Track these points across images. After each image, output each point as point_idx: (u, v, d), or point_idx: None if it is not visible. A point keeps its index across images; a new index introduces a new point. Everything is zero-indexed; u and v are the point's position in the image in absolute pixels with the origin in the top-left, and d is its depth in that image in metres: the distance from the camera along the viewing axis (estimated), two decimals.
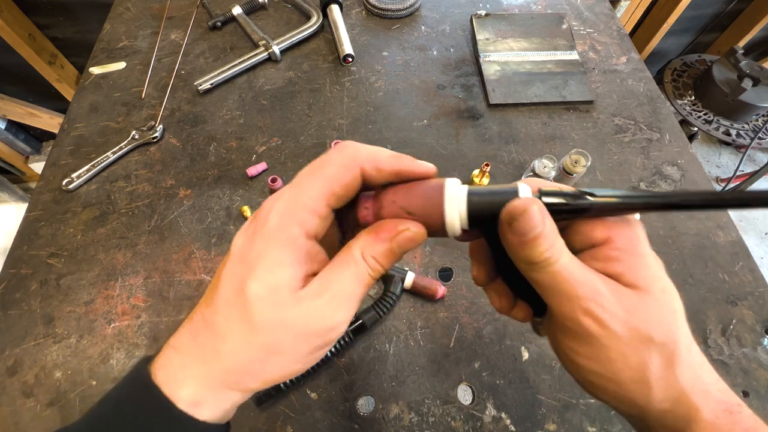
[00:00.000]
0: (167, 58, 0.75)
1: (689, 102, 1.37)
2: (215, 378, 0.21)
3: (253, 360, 0.21)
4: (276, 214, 0.21)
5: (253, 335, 0.20)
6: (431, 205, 0.21)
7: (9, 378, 0.47)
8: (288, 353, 0.21)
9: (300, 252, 0.21)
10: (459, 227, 0.22)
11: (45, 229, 0.57)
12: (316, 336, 0.21)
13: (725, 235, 0.58)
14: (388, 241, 0.21)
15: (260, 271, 0.20)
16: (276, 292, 0.20)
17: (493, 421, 0.45)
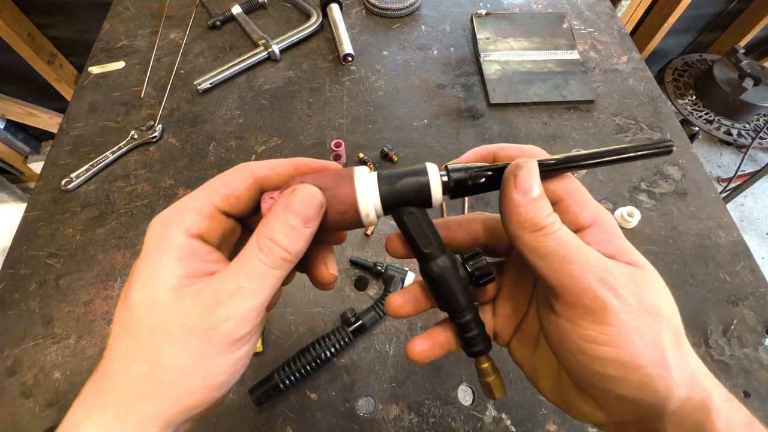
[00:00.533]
0: (166, 57, 0.75)
1: (690, 102, 1.37)
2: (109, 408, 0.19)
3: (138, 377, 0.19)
4: (155, 224, 0.21)
5: (134, 346, 0.19)
6: (342, 194, 0.20)
7: (8, 378, 0.47)
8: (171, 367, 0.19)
9: (182, 251, 0.20)
10: (374, 213, 0.21)
11: (44, 229, 0.57)
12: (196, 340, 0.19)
13: (726, 235, 0.58)
14: (281, 214, 0.19)
15: (140, 277, 0.19)
16: (154, 293, 0.19)
17: (493, 422, 0.45)
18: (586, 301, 0.18)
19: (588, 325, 0.19)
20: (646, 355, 0.18)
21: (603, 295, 0.18)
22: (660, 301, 0.19)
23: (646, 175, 0.63)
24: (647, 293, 0.19)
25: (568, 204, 0.21)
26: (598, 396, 0.20)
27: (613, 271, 0.19)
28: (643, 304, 0.19)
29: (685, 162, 0.65)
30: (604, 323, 0.18)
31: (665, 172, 0.64)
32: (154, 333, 0.19)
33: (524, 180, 0.20)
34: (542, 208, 0.19)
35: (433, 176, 0.21)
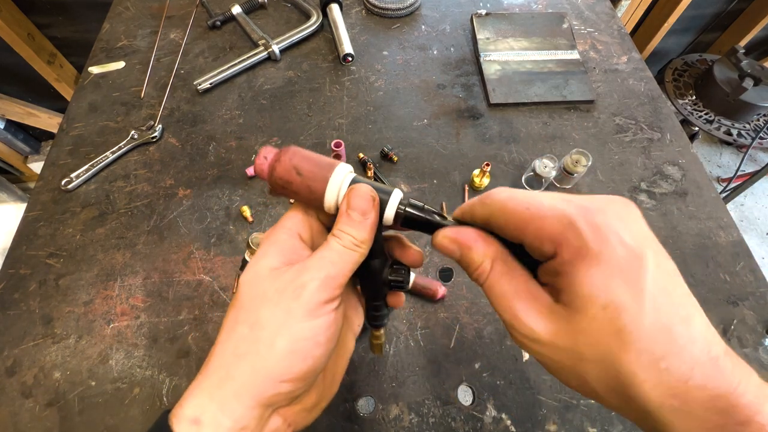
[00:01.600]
0: (166, 57, 0.75)
1: (690, 102, 1.37)
2: (213, 374, 0.22)
3: (240, 339, 0.22)
4: (266, 234, 0.26)
5: (239, 313, 0.23)
6: (319, 178, 0.25)
7: (8, 378, 0.47)
8: (266, 324, 0.22)
9: (283, 245, 0.25)
10: (334, 204, 0.25)
11: (44, 229, 0.57)
12: (286, 298, 0.22)
13: (726, 235, 0.58)
14: (343, 211, 0.24)
15: (250, 265, 0.25)
16: (258, 273, 0.24)
17: (493, 422, 0.45)
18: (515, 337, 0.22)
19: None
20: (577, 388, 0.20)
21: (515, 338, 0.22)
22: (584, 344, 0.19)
23: (646, 175, 0.63)
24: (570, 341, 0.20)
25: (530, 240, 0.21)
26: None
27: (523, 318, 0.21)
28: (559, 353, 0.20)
29: (685, 162, 0.65)
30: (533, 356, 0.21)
31: (665, 172, 0.64)
32: (255, 299, 0.23)
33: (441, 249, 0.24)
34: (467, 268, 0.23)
35: (391, 204, 0.25)
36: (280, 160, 0.25)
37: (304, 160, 0.25)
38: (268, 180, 0.26)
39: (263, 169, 0.25)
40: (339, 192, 0.25)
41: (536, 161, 0.58)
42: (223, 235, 0.57)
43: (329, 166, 0.25)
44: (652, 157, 0.65)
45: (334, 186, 0.24)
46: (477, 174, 0.60)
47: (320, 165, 0.25)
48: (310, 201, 0.25)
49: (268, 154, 0.26)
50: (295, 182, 0.25)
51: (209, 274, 0.54)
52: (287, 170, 0.25)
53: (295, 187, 0.25)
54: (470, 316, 0.51)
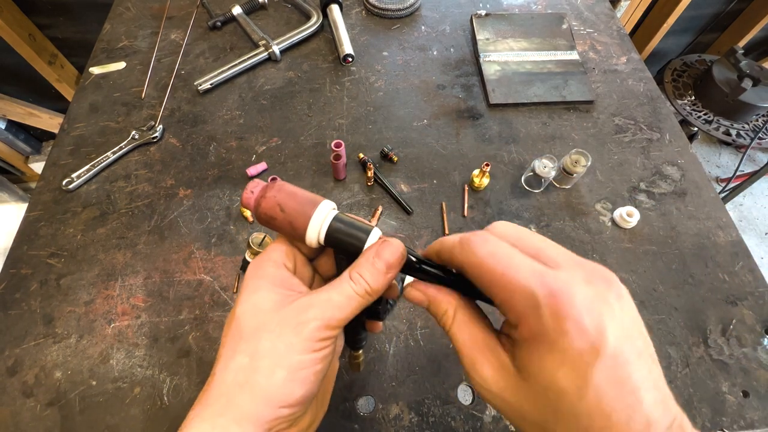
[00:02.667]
0: (167, 58, 0.75)
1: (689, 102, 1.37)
2: (213, 404, 0.23)
3: (239, 369, 0.23)
4: (252, 265, 0.27)
5: (239, 343, 0.24)
6: (301, 214, 0.26)
7: (9, 378, 0.47)
8: (266, 355, 0.23)
9: (274, 279, 0.25)
10: (316, 240, 0.26)
11: (45, 229, 0.57)
12: (288, 331, 0.23)
13: (725, 235, 0.58)
14: (373, 257, 0.25)
15: (244, 296, 0.25)
16: (257, 305, 0.24)
17: (493, 422, 0.45)
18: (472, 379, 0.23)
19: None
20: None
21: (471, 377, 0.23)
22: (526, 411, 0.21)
23: (645, 175, 0.64)
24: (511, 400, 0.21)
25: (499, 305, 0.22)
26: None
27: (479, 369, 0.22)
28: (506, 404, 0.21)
29: (684, 162, 0.65)
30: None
31: (664, 172, 0.64)
32: (257, 330, 0.24)
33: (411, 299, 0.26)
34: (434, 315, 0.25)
35: (369, 243, 0.26)
36: (265, 196, 0.26)
37: (289, 196, 0.26)
38: (254, 213, 0.27)
39: (249, 204, 0.27)
40: (320, 229, 0.26)
41: (536, 161, 0.58)
42: (223, 235, 0.57)
43: (312, 203, 0.26)
44: (652, 157, 0.65)
45: (315, 223, 0.25)
46: (477, 174, 0.60)
47: (303, 202, 0.26)
48: (293, 236, 0.26)
49: (255, 188, 0.27)
50: (278, 218, 0.26)
51: (210, 273, 0.54)
52: (271, 206, 0.26)
53: (278, 223, 0.26)
54: None
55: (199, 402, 0.23)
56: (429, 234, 0.57)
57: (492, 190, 0.61)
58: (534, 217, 0.59)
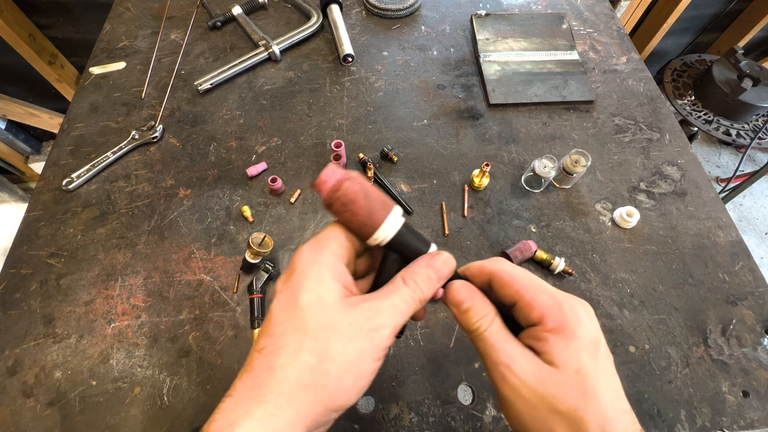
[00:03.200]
0: (167, 58, 0.75)
1: (689, 102, 1.37)
2: (269, 402, 0.21)
3: (305, 368, 0.22)
4: (308, 248, 0.25)
5: (305, 340, 0.22)
6: (382, 209, 0.26)
7: (9, 378, 0.47)
8: (336, 359, 0.22)
9: (334, 271, 0.25)
10: (383, 238, 0.26)
11: (45, 229, 0.57)
12: (361, 337, 0.23)
13: (725, 235, 0.58)
14: (425, 267, 0.26)
15: (307, 284, 0.24)
16: (323, 298, 0.23)
17: (493, 422, 0.45)
18: (496, 390, 0.25)
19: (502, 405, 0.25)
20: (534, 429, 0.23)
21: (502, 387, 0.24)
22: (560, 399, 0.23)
23: (645, 175, 0.64)
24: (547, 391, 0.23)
25: (520, 306, 0.26)
26: None
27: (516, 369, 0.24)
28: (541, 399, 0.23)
29: (684, 162, 0.65)
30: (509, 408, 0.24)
31: (664, 172, 0.64)
32: (325, 329, 0.22)
33: (455, 298, 0.27)
34: (470, 317, 0.26)
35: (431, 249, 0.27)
36: (350, 178, 0.26)
37: (371, 187, 0.27)
38: (331, 193, 0.26)
39: (330, 180, 0.26)
40: (392, 228, 0.26)
41: (536, 161, 0.58)
42: (223, 235, 0.57)
43: (389, 202, 0.27)
44: (652, 157, 0.65)
45: (392, 221, 0.26)
46: (477, 174, 0.60)
47: (383, 198, 0.27)
48: (361, 225, 0.26)
49: (337, 169, 0.26)
50: (358, 204, 0.25)
51: (210, 273, 0.54)
52: (356, 191, 0.26)
53: (355, 208, 0.25)
54: None
55: (247, 393, 0.22)
56: (429, 234, 0.57)
57: (492, 190, 0.61)
58: (534, 217, 0.59)
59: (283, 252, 0.56)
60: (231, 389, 0.23)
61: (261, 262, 0.52)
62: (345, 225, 0.27)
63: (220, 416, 0.22)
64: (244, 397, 0.22)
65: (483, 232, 0.58)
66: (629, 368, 0.48)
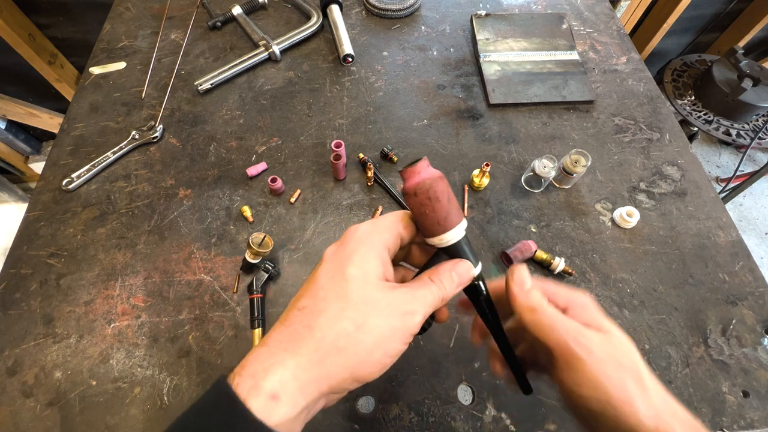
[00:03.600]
0: (167, 58, 0.75)
1: (689, 102, 1.37)
2: (303, 356, 0.23)
3: (342, 333, 0.24)
4: (363, 228, 0.28)
5: (346, 308, 0.24)
6: (457, 215, 0.28)
7: (9, 378, 0.47)
8: (372, 331, 0.24)
9: (380, 256, 0.27)
10: (446, 240, 0.28)
11: (45, 229, 0.57)
12: (396, 317, 0.25)
13: (725, 235, 0.58)
14: (450, 271, 0.28)
15: (355, 259, 0.26)
16: (367, 276, 0.25)
17: (493, 421, 0.45)
18: (568, 357, 0.27)
19: (573, 374, 0.26)
20: (614, 394, 0.25)
21: (579, 351, 0.26)
22: (621, 355, 0.27)
23: (645, 176, 0.64)
24: (612, 350, 0.27)
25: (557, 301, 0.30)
26: (590, 426, 0.27)
27: (585, 334, 0.27)
28: (609, 356, 0.26)
29: (684, 162, 0.65)
30: (582, 372, 0.26)
31: (664, 172, 0.64)
32: (366, 303, 0.25)
33: (519, 278, 0.30)
34: (534, 294, 0.29)
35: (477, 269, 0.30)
36: (443, 178, 0.28)
37: (453, 194, 0.29)
38: (423, 185, 0.27)
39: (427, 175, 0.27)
40: (456, 234, 0.28)
41: (536, 161, 0.58)
42: (223, 235, 0.57)
43: (461, 212, 0.29)
44: (652, 157, 0.65)
45: (460, 228, 0.28)
46: (477, 174, 0.60)
47: (458, 206, 0.29)
48: (435, 222, 0.27)
49: (430, 166, 0.28)
50: (443, 203, 0.27)
51: (210, 273, 0.54)
52: (443, 191, 0.27)
53: (438, 206, 0.27)
54: (470, 315, 0.51)
55: (283, 344, 0.24)
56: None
57: (492, 190, 0.61)
58: (534, 217, 0.59)
59: (283, 252, 0.56)
60: (266, 338, 0.25)
61: (261, 262, 0.52)
62: (417, 217, 0.28)
63: (255, 361, 0.23)
64: (280, 348, 0.24)
65: (483, 232, 0.58)
66: None
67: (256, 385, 0.22)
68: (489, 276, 0.54)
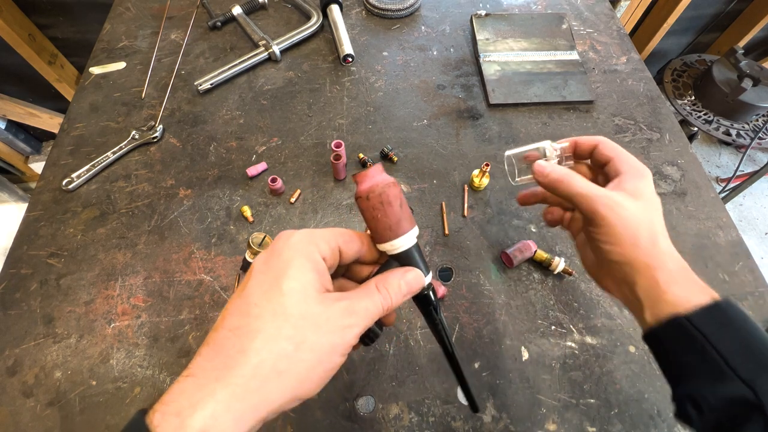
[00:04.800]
0: (167, 58, 0.75)
1: (689, 102, 1.37)
2: (239, 385, 0.21)
3: (282, 355, 0.22)
4: (298, 236, 0.26)
5: (284, 326, 0.22)
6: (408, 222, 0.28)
7: (9, 378, 0.47)
8: (313, 349, 0.23)
9: (317, 267, 0.25)
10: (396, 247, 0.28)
11: (45, 229, 0.57)
12: (336, 332, 0.23)
13: (725, 235, 0.58)
14: (398, 279, 0.27)
15: (292, 272, 0.24)
16: (306, 289, 0.24)
17: (493, 421, 0.45)
18: (597, 218, 0.31)
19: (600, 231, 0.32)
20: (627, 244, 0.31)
21: (605, 212, 0.31)
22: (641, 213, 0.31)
23: None
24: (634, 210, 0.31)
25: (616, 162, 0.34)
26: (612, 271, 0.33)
27: (611, 197, 0.31)
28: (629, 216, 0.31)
29: (684, 162, 0.65)
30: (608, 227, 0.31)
31: (664, 172, 0.64)
32: (305, 318, 0.23)
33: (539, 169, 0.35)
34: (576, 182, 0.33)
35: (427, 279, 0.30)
36: (396, 183, 0.28)
37: (405, 201, 0.29)
38: (374, 189, 0.27)
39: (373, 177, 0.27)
40: (405, 243, 0.28)
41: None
42: (223, 235, 0.57)
43: (413, 219, 0.29)
44: (652, 157, 0.65)
45: (411, 235, 0.28)
46: (476, 174, 0.60)
47: (411, 214, 0.29)
48: (386, 227, 0.27)
49: (383, 172, 0.28)
50: (394, 208, 0.27)
51: (210, 273, 0.54)
52: (396, 195, 0.27)
53: (390, 211, 0.27)
54: (470, 315, 0.51)
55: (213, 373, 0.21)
56: (429, 234, 0.57)
57: (492, 190, 0.61)
58: (534, 217, 0.59)
59: None
60: (192, 367, 0.22)
61: None
62: (369, 222, 0.28)
63: (181, 396, 0.21)
64: (210, 378, 0.21)
65: (483, 232, 0.58)
66: (629, 368, 0.48)
67: (182, 425, 0.19)
68: (489, 277, 0.54)
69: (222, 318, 0.24)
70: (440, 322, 0.31)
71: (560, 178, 0.33)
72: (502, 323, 0.51)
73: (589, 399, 0.46)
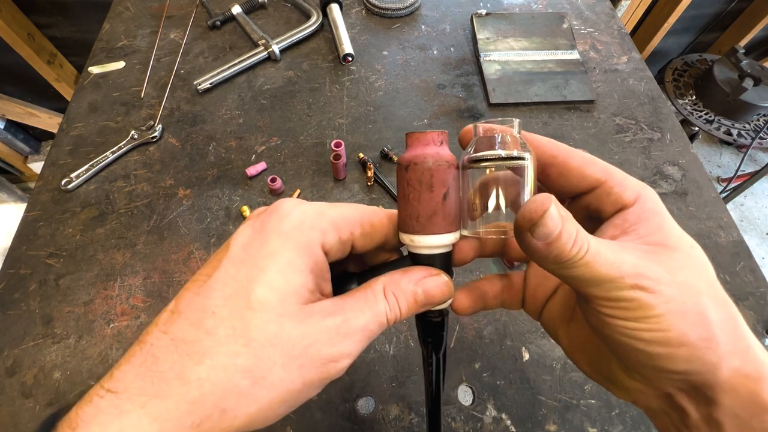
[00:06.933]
0: (166, 57, 0.75)
1: (690, 102, 1.37)
2: (169, 419, 0.16)
3: (231, 391, 0.17)
4: (298, 214, 0.19)
5: (242, 354, 0.17)
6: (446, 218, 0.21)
7: (8, 378, 0.47)
8: (275, 387, 0.17)
9: (315, 263, 0.19)
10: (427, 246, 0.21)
11: (44, 229, 0.57)
12: (314, 367, 0.18)
13: (726, 235, 0.58)
14: (414, 283, 0.20)
15: (272, 273, 0.18)
16: (285, 301, 0.18)
17: (493, 422, 0.45)
18: (624, 305, 0.17)
19: (629, 322, 0.18)
20: (691, 332, 0.17)
21: (639, 297, 0.17)
22: (698, 279, 0.18)
23: (646, 175, 0.63)
24: (684, 276, 0.18)
25: (611, 186, 0.20)
26: (646, 371, 0.19)
27: (646, 272, 0.17)
28: (682, 288, 0.18)
29: (685, 162, 0.65)
30: (645, 318, 0.17)
31: (665, 172, 0.64)
32: (274, 346, 0.17)
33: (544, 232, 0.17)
34: (565, 243, 0.17)
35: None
36: (453, 166, 0.22)
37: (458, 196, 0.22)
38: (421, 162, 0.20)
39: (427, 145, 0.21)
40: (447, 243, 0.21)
41: None
42: (223, 235, 0.57)
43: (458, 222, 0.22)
44: (652, 157, 0.65)
45: (447, 239, 0.21)
46: None
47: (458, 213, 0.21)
48: (409, 215, 0.21)
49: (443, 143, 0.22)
50: (433, 194, 0.20)
51: None
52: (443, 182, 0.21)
53: (425, 196, 0.20)
54: (470, 316, 0.51)
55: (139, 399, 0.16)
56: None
57: None
58: None
59: None
60: (115, 377, 0.17)
61: None
62: (399, 198, 0.21)
63: (93, 421, 0.16)
64: (136, 402, 0.16)
65: None
66: None
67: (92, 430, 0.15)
68: None
69: (171, 312, 0.19)
70: (443, 357, 0.24)
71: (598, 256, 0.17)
72: (502, 324, 0.51)
73: (590, 400, 0.46)
